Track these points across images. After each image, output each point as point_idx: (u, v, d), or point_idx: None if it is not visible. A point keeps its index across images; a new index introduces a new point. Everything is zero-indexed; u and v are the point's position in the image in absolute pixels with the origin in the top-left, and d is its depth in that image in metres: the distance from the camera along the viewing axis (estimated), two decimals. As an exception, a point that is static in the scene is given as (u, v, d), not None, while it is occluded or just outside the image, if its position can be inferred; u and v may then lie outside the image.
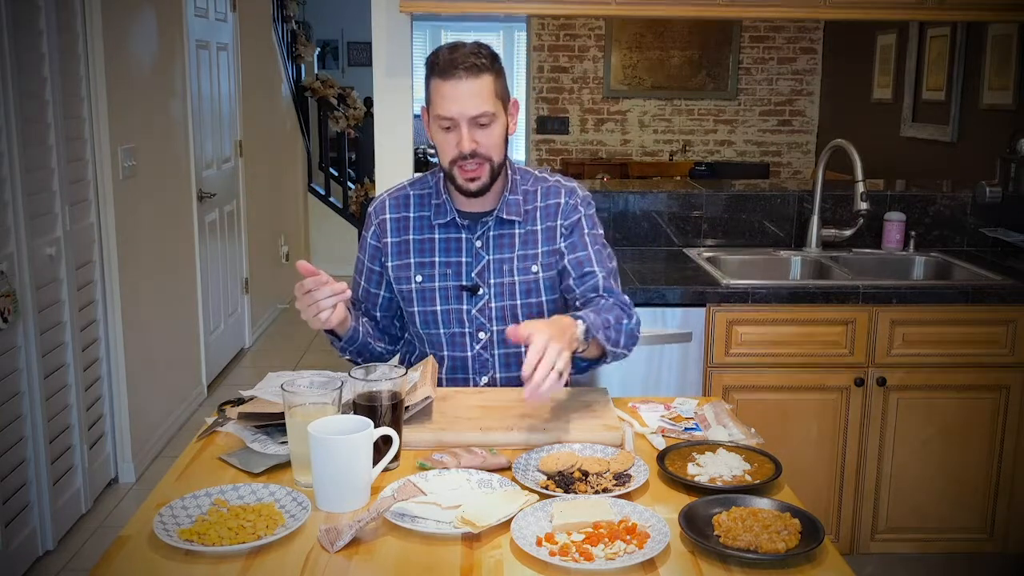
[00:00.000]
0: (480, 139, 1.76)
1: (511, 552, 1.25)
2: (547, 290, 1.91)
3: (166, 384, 3.98)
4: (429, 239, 1.90)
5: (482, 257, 1.89)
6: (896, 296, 2.65)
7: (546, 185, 1.93)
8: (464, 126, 1.75)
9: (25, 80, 2.81)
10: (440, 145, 1.80)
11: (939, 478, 2.76)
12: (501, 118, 1.79)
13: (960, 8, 3.02)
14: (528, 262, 1.89)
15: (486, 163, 1.79)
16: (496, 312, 1.90)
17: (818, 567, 1.23)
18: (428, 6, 2.94)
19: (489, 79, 1.75)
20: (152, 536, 1.27)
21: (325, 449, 1.35)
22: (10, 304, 2.68)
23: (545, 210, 1.91)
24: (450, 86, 1.73)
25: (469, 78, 1.73)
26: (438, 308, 1.90)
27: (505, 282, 1.89)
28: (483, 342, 1.91)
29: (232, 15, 5.07)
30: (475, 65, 1.73)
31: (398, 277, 1.92)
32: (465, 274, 1.89)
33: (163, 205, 3.97)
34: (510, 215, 1.88)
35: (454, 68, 1.73)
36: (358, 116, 7.19)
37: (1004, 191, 3.17)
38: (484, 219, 1.88)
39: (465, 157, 1.77)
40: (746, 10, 3.05)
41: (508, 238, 1.89)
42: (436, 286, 1.90)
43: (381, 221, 1.93)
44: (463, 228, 1.89)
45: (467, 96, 1.73)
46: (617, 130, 7.20)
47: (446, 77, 1.73)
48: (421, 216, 1.91)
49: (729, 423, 1.70)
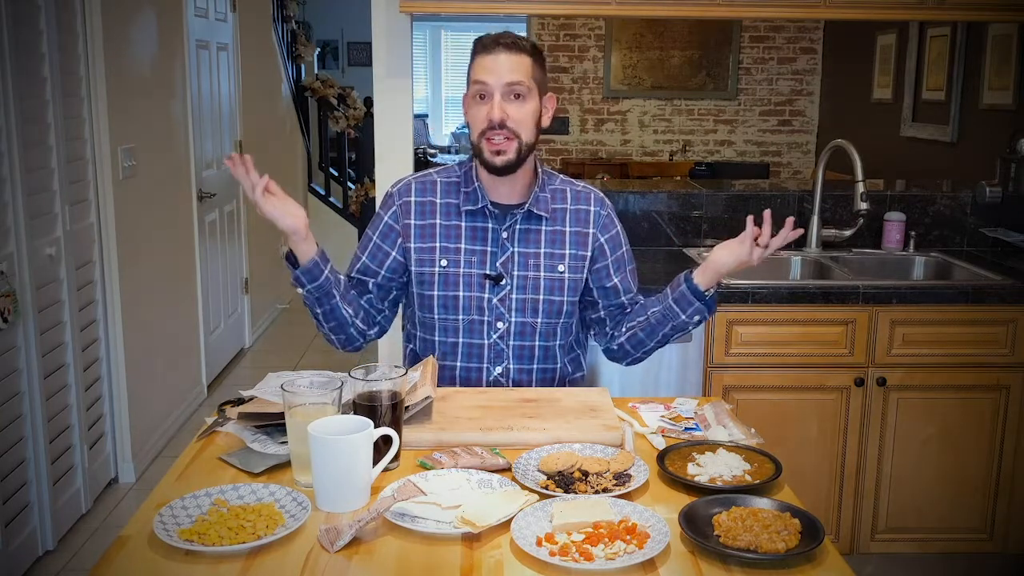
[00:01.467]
0: (511, 112, 1.80)
1: (511, 552, 1.25)
2: (570, 291, 1.94)
3: (166, 384, 3.98)
4: (456, 226, 1.92)
5: (508, 248, 1.91)
6: (896, 296, 2.65)
7: (575, 189, 1.97)
8: (497, 96, 1.79)
9: (25, 80, 2.81)
10: (472, 118, 1.84)
11: (939, 478, 2.76)
12: (535, 98, 1.83)
13: (960, 8, 3.02)
14: (555, 260, 1.92)
15: (515, 139, 1.81)
16: (516, 303, 1.91)
17: (818, 567, 1.23)
18: (428, 6, 2.94)
19: (527, 59, 1.82)
20: (152, 536, 1.27)
21: (325, 449, 1.35)
22: (10, 304, 2.68)
23: (576, 214, 1.94)
24: (490, 58, 1.81)
25: (508, 53, 1.80)
26: (460, 294, 1.91)
27: (529, 276, 1.91)
28: (500, 331, 1.92)
29: (232, 15, 5.07)
30: (516, 44, 1.81)
31: (421, 259, 1.92)
32: (490, 263, 1.91)
33: (163, 205, 3.97)
34: (539, 211, 1.91)
35: (496, 44, 1.81)
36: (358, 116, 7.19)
37: (1004, 191, 3.17)
38: (514, 211, 1.91)
39: (494, 127, 1.79)
40: (746, 10, 3.05)
41: (535, 233, 1.92)
42: (460, 272, 1.91)
43: (405, 203, 1.94)
44: (492, 217, 1.91)
45: (504, 67, 1.80)
46: (617, 130, 7.20)
47: (486, 52, 1.81)
48: (448, 203, 1.93)
49: (729, 423, 1.70)
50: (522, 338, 1.93)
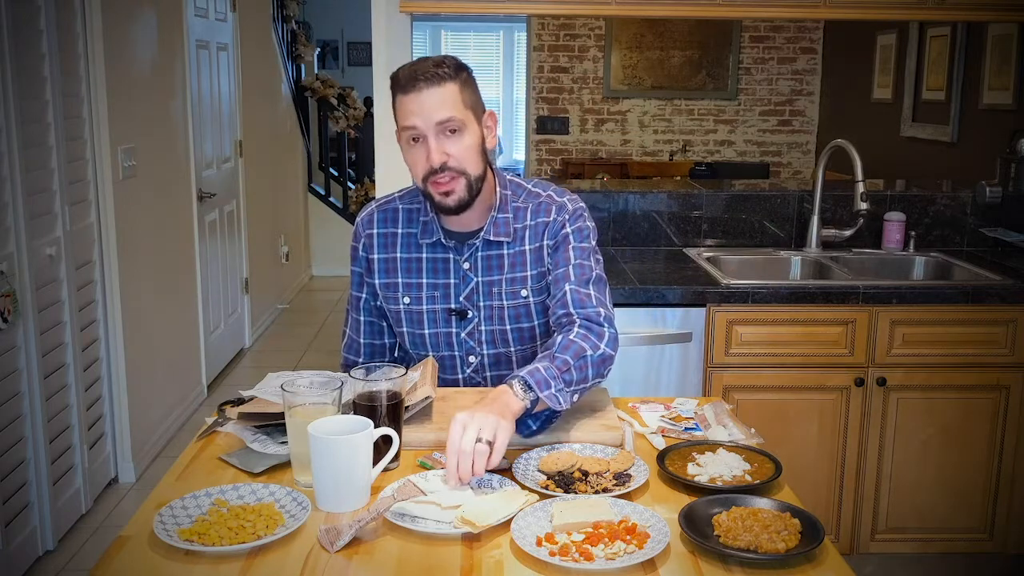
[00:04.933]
0: (450, 149, 1.67)
1: (511, 552, 1.25)
2: (538, 314, 1.83)
3: (166, 384, 3.98)
4: (416, 258, 1.83)
5: (471, 279, 1.81)
6: (896, 296, 2.65)
7: (537, 202, 1.82)
8: (431, 137, 1.66)
9: (25, 80, 2.81)
10: (411, 163, 1.71)
11: (939, 478, 2.76)
12: (472, 127, 1.69)
13: (960, 8, 3.02)
14: (517, 286, 1.81)
15: (460, 176, 1.69)
16: (486, 336, 1.83)
17: (818, 567, 1.23)
18: (428, 6, 2.94)
19: (454, 87, 1.66)
20: (152, 536, 1.27)
21: (325, 449, 1.35)
22: (10, 304, 2.68)
23: (534, 229, 1.81)
24: (411, 98, 1.65)
25: (430, 87, 1.65)
26: (426, 331, 1.84)
27: (495, 305, 1.81)
28: (474, 365, 1.86)
29: (232, 15, 5.07)
30: (437, 75, 1.65)
31: (386, 297, 1.86)
32: (454, 296, 1.82)
33: (163, 205, 3.97)
34: (498, 236, 1.79)
35: (415, 80, 1.65)
36: (358, 116, 7.19)
37: (1004, 191, 3.17)
38: (471, 240, 1.80)
39: (435, 171, 1.67)
40: (746, 10, 3.06)
41: (497, 259, 1.81)
42: (424, 309, 1.83)
43: (368, 236, 1.86)
44: (450, 249, 1.81)
45: (430, 105, 1.65)
46: (617, 130, 7.19)
47: (407, 91, 1.66)
48: (409, 233, 1.83)
49: (729, 423, 1.70)
50: (499, 368, 1.85)
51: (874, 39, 5.93)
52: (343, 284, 6.81)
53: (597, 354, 1.68)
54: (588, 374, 1.66)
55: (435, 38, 9.40)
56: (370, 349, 1.94)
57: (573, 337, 1.68)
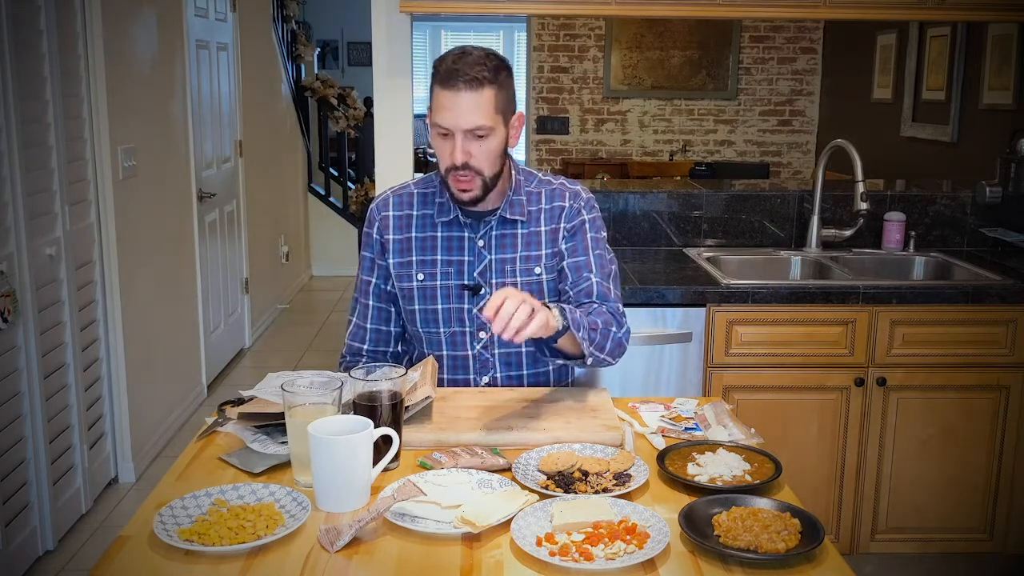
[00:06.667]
0: (473, 151, 1.74)
1: (511, 552, 1.25)
2: (550, 292, 1.91)
3: (166, 384, 3.98)
4: (432, 237, 1.90)
5: (484, 256, 1.89)
6: (896, 296, 2.65)
7: (551, 188, 1.93)
8: (459, 137, 1.73)
9: (25, 80, 2.81)
10: (437, 151, 1.80)
11: (939, 478, 2.76)
12: (499, 132, 1.77)
13: (960, 8, 3.02)
14: (531, 263, 1.90)
15: (477, 177, 1.77)
16: None
17: (818, 567, 1.23)
18: (428, 6, 2.94)
19: (491, 93, 1.72)
20: (152, 536, 1.27)
21: (325, 449, 1.35)
22: (10, 304, 2.68)
23: (550, 212, 1.91)
24: (449, 96, 1.71)
25: (469, 91, 1.70)
26: (439, 307, 1.90)
27: (507, 282, 1.88)
28: (484, 341, 1.91)
29: (232, 15, 5.06)
30: (476, 78, 1.70)
31: (399, 275, 1.92)
32: (467, 273, 1.89)
33: (163, 205, 3.97)
34: (513, 215, 1.89)
35: (455, 79, 1.70)
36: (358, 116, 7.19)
37: (1004, 191, 3.17)
38: (487, 218, 1.88)
39: (457, 168, 1.76)
40: (746, 10, 3.05)
41: (511, 238, 1.89)
42: (438, 284, 1.89)
43: (384, 218, 1.93)
44: (466, 227, 1.89)
45: (465, 109, 1.71)
46: (617, 130, 7.20)
47: (446, 86, 1.71)
48: (424, 214, 1.91)
49: (729, 423, 1.70)
50: (508, 344, 1.89)
51: (874, 39, 5.93)
52: (343, 284, 6.82)
53: (619, 334, 1.85)
54: (607, 346, 1.81)
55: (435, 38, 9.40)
56: (376, 335, 1.97)
57: (603, 312, 1.85)
